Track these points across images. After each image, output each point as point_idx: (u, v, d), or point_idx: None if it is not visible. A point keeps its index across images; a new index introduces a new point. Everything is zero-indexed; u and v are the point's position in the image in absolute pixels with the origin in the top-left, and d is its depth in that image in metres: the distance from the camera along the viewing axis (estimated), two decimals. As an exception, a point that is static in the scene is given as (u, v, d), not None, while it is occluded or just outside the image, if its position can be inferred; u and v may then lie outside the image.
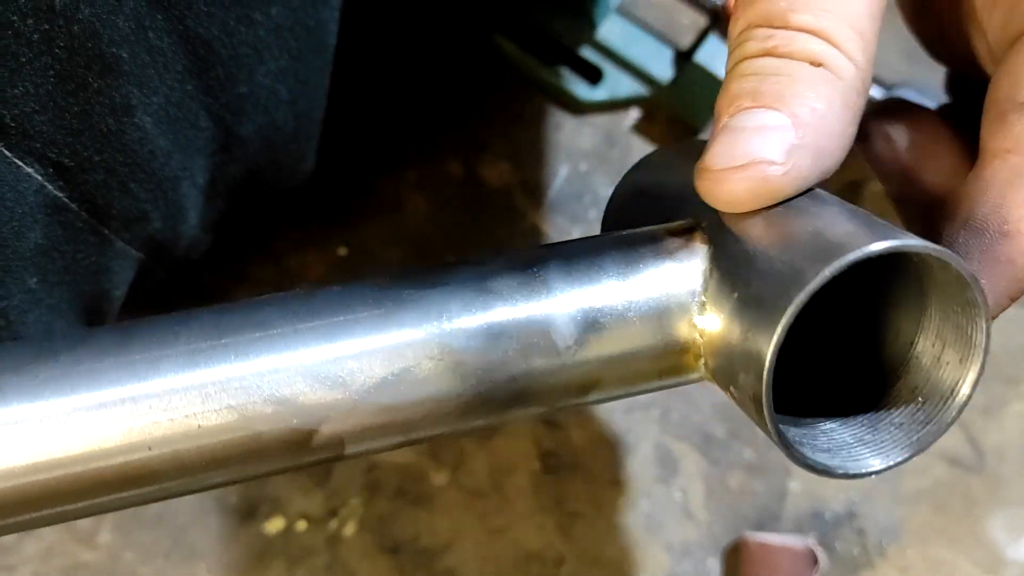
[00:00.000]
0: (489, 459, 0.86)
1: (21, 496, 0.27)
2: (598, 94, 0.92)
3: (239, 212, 0.59)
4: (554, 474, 0.85)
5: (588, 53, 0.92)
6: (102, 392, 0.27)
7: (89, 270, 0.47)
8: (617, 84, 0.91)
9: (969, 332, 0.29)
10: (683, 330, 0.30)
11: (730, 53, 0.32)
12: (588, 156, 0.93)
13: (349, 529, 0.84)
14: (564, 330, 0.30)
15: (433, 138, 0.93)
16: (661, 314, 0.30)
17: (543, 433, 0.87)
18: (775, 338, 0.27)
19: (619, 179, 0.39)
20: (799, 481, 0.86)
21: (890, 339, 0.32)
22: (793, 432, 0.30)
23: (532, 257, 0.31)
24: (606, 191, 0.92)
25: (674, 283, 0.30)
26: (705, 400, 0.88)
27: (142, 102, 0.42)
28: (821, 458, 0.29)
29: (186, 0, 0.41)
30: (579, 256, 0.31)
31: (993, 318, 0.29)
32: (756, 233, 0.29)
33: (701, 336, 0.30)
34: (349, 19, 0.55)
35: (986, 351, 0.29)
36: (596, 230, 0.89)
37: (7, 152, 0.38)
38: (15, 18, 0.35)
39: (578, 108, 0.93)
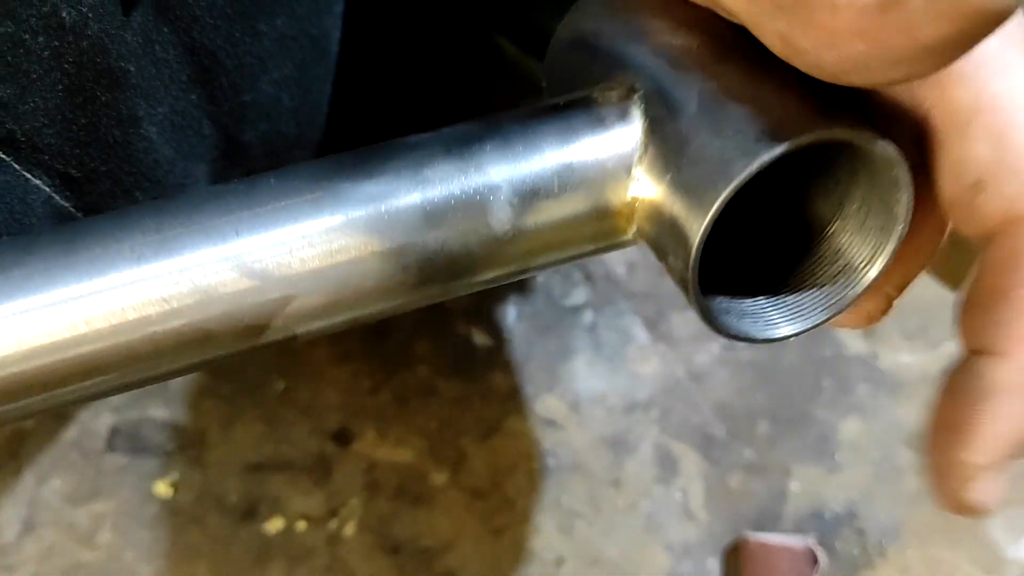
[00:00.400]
0: (489, 459, 0.87)
1: None
2: (598, 94, 0.92)
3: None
4: (554, 474, 0.86)
5: (588, 53, 0.91)
6: (52, 292, 0.28)
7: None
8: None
9: (892, 205, 0.30)
10: (616, 204, 0.31)
11: None
12: (588, 156, 0.93)
13: (349, 529, 0.84)
14: (501, 213, 0.30)
15: (433, 138, 0.92)
16: (596, 192, 0.31)
17: (543, 433, 0.87)
18: (700, 230, 0.28)
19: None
20: (799, 481, 0.86)
21: (818, 202, 0.34)
22: (717, 303, 0.32)
23: (468, 137, 0.31)
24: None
25: (609, 160, 0.31)
26: (705, 400, 0.88)
27: (148, 113, 0.42)
28: (744, 326, 0.31)
29: (192, 13, 0.41)
30: (515, 134, 0.31)
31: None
32: (690, 110, 0.30)
33: (634, 211, 0.31)
34: (351, 23, 0.55)
35: (906, 224, 0.30)
36: (596, 230, 0.89)
37: (16, 165, 0.38)
38: (26, 36, 0.35)
39: (578, 108, 0.93)
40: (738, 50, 0.31)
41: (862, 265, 0.32)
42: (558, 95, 0.35)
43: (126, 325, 0.28)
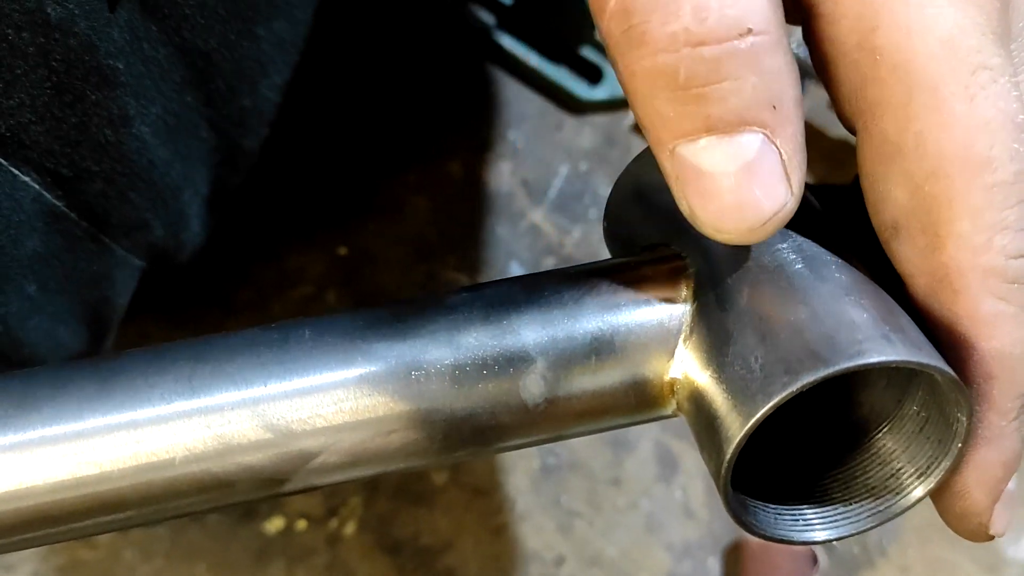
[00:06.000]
0: (489, 459, 0.87)
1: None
2: (598, 94, 0.92)
3: (237, 216, 0.59)
4: (554, 474, 0.86)
5: (588, 53, 0.92)
6: (81, 429, 0.29)
7: (90, 278, 0.47)
8: (617, 84, 0.90)
9: (952, 422, 0.28)
10: (655, 382, 0.30)
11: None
12: (588, 156, 0.93)
13: (349, 528, 0.84)
14: (533, 387, 0.30)
15: (433, 138, 0.93)
16: (635, 369, 0.30)
17: (543, 433, 0.87)
18: (734, 445, 0.27)
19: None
20: (799, 481, 0.86)
21: (872, 393, 0.32)
22: (751, 506, 0.30)
23: (507, 302, 0.30)
24: (606, 191, 0.92)
25: (651, 340, 0.30)
26: (705, 400, 0.88)
27: (140, 113, 0.42)
28: (780, 529, 0.30)
29: (181, 12, 0.41)
30: (555, 303, 0.30)
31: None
32: (739, 306, 0.29)
33: (674, 391, 0.30)
34: (350, 23, 0.55)
35: (965, 445, 0.29)
36: (596, 230, 0.89)
37: (2, 160, 0.38)
38: (10, 31, 0.35)
39: (578, 108, 0.93)
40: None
41: (916, 475, 0.30)
42: (613, 240, 0.35)
43: (148, 467, 0.28)
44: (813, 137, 0.88)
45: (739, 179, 0.26)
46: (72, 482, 0.28)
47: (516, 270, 0.89)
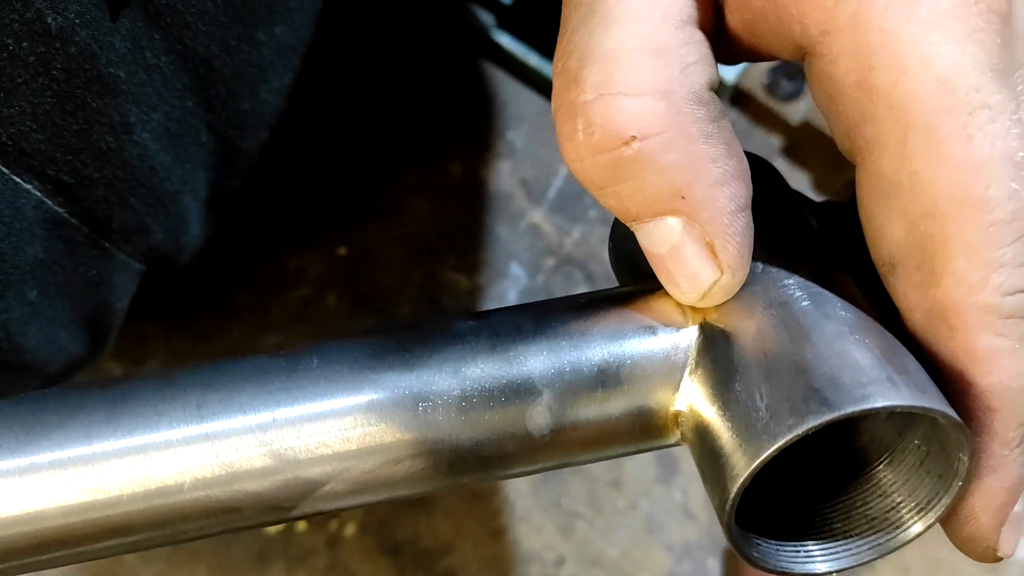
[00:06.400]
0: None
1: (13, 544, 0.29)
2: (598, 94, 0.92)
3: (237, 217, 0.59)
4: (554, 476, 0.86)
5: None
6: (90, 455, 0.29)
7: (90, 283, 0.47)
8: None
9: (953, 461, 0.29)
10: (660, 414, 0.30)
11: None
12: (588, 156, 0.93)
13: (349, 530, 0.84)
14: (539, 419, 0.30)
15: (432, 139, 0.92)
16: (640, 400, 0.30)
17: (543, 434, 0.87)
18: (736, 486, 0.27)
19: None
20: (799, 482, 0.86)
21: (874, 423, 0.32)
22: (754, 541, 0.30)
23: (513, 332, 0.31)
24: (606, 191, 0.92)
25: (657, 372, 0.30)
26: (705, 401, 0.88)
27: (141, 119, 0.42)
28: (781, 561, 0.30)
29: (183, 20, 0.41)
30: (561, 334, 0.30)
31: None
32: (745, 341, 0.29)
33: (679, 422, 0.30)
34: (351, 26, 0.55)
35: (965, 483, 0.29)
36: (596, 230, 0.89)
37: (3, 168, 0.38)
38: (10, 41, 0.35)
39: (578, 108, 0.93)
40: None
41: (916, 509, 0.30)
42: (618, 262, 0.36)
43: (156, 492, 0.29)
44: (813, 137, 0.88)
45: (670, 259, 0.29)
46: (80, 507, 0.28)
47: (515, 270, 0.89)
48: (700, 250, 0.28)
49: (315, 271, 0.89)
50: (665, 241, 0.29)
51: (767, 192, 0.31)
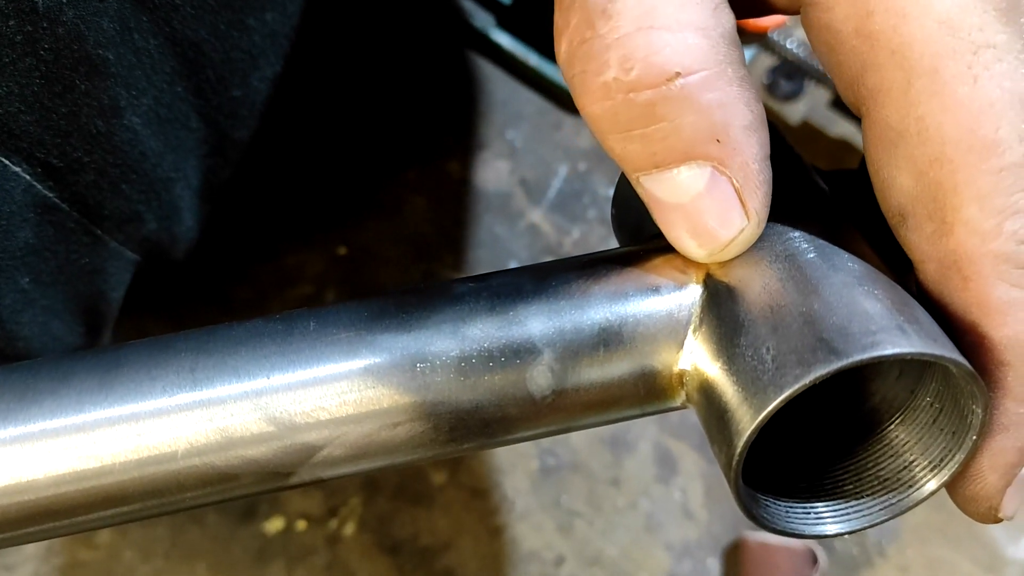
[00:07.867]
0: (488, 459, 0.86)
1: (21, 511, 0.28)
2: (597, 93, 0.92)
3: (236, 214, 0.59)
4: (553, 474, 0.85)
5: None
6: (82, 423, 0.29)
7: (83, 271, 0.47)
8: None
9: (967, 414, 0.28)
10: (664, 374, 0.30)
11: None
12: (587, 156, 0.93)
13: (349, 528, 0.84)
14: (540, 379, 0.29)
15: (432, 138, 0.93)
16: (643, 360, 0.29)
17: (542, 432, 0.87)
18: (744, 439, 0.26)
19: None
20: (799, 480, 0.85)
21: (885, 381, 0.31)
22: (763, 500, 0.29)
23: (513, 292, 0.30)
24: (605, 191, 0.92)
25: (660, 331, 0.29)
26: (705, 399, 0.88)
27: (131, 103, 0.42)
28: (791, 523, 0.29)
29: (172, 3, 0.41)
30: (562, 293, 0.30)
31: None
32: (751, 296, 0.28)
33: (683, 382, 0.30)
34: (347, 21, 0.55)
35: (980, 437, 0.28)
36: (595, 230, 0.89)
37: None
38: None
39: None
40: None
41: (929, 467, 0.30)
42: (621, 228, 0.34)
43: (150, 460, 0.28)
44: (813, 137, 0.88)
45: (692, 209, 0.27)
46: (74, 475, 0.28)
47: (515, 270, 0.89)
48: (730, 196, 0.27)
49: (314, 269, 0.89)
50: (689, 189, 0.27)
51: (775, 151, 0.31)
